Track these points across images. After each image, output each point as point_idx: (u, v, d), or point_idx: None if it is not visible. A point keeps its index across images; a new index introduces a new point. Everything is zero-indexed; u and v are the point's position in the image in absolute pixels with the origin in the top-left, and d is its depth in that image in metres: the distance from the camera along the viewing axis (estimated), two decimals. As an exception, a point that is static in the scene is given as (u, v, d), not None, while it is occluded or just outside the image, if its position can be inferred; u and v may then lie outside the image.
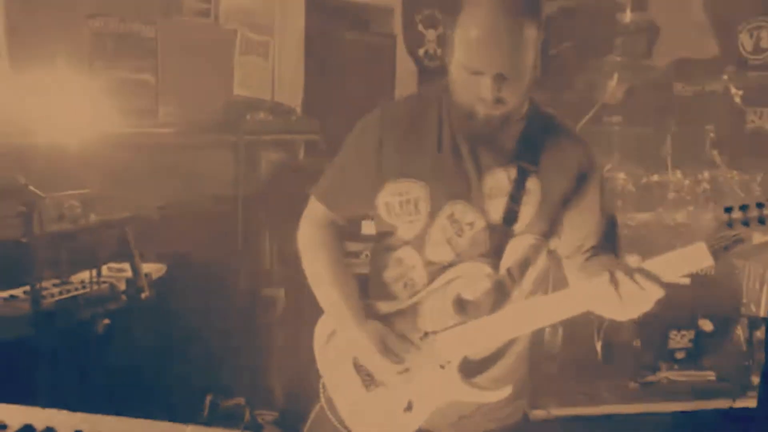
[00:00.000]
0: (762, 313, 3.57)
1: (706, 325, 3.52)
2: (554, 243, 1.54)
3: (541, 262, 1.54)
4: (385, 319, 1.57)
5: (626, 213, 3.89)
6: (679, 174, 3.95)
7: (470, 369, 1.53)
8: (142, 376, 2.51)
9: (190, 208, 3.22)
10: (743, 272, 3.83)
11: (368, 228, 2.40)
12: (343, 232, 1.70)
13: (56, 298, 2.27)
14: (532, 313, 1.45)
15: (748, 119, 4.55)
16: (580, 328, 3.80)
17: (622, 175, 3.97)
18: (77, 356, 2.34)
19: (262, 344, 3.31)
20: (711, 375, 3.53)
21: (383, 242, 1.63)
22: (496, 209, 1.49)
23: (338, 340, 1.63)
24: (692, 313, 3.54)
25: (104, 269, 2.46)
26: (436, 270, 1.53)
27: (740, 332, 3.68)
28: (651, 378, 3.51)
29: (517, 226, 1.49)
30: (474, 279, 1.49)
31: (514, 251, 1.49)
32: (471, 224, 1.49)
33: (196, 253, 3.14)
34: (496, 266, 1.48)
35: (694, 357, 3.56)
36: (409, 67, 4.93)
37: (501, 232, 1.48)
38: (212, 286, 3.25)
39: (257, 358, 3.30)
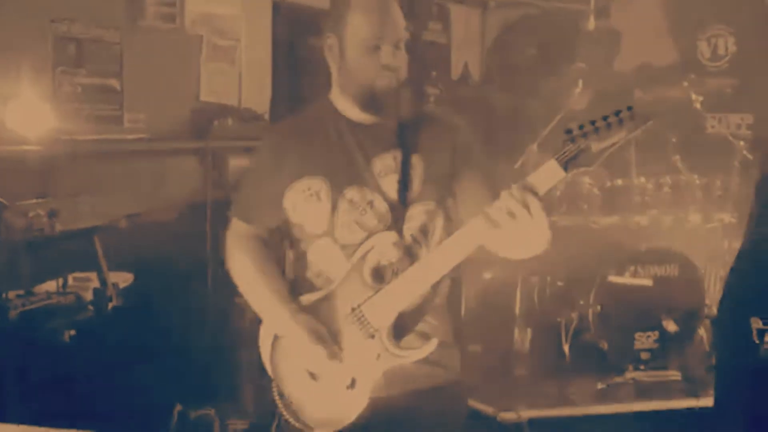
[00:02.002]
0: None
1: (671, 326, 3.60)
2: (451, 207, 1.75)
3: (439, 223, 1.74)
4: (311, 309, 1.70)
5: (591, 216, 3.95)
6: (642, 178, 4.03)
7: (397, 333, 1.67)
8: (109, 387, 2.48)
9: (158, 216, 3.18)
10: (705, 274, 3.93)
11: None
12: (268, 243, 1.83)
13: (20, 310, 2.22)
14: (437, 261, 1.62)
15: (707, 124, 4.66)
16: (548, 330, 3.85)
17: (587, 180, 4.03)
18: (43, 369, 2.29)
19: (231, 353, 3.28)
20: (676, 375, 3.61)
21: (298, 247, 1.78)
22: (390, 186, 1.70)
23: (281, 342, 1.74)
24: (657, 314, 3.61)
25: (70, 279, 2.42)
26: (352, 252, 1.69)
27: (703, 333, 3.77)
28: (618, 379, 3.57)
29: (410, 197, 1.71)
30: (385, 247, 1.67)
31: (412, 218, 1.71)
32: (371, 203, 1.70)
33: (164, 261, 3.10)
34: (401, 233, 1.69)
35: (659, 358, 3.64)
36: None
37: (398, 204, 1.70)
38: (181, 294, 3.21)
39: (227, 367, 3.27)
